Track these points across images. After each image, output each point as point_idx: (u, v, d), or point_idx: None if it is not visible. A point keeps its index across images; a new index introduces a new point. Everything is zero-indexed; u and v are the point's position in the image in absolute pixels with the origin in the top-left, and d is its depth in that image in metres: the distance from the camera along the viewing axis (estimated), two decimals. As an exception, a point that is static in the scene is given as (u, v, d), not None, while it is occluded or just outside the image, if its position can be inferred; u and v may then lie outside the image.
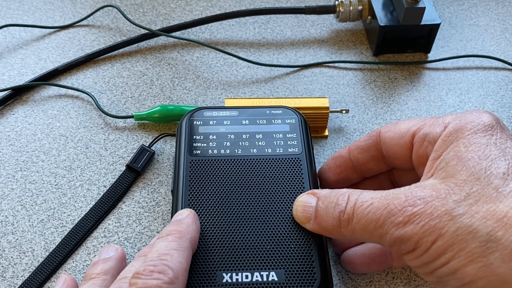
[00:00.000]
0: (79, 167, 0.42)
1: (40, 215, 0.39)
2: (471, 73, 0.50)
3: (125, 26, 0.54)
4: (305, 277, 0.31)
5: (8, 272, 0.36)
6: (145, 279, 0.27)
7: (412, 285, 0.36)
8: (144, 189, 0.41)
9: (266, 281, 0.31)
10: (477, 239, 0.25)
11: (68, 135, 0.44)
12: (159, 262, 0.27)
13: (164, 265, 0.27)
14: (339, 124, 0.46)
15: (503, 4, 0.57)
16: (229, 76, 0.49)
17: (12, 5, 0.55)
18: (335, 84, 0.49)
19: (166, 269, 0.27)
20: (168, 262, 0.28)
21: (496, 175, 0.26)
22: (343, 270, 0.37)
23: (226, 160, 0.36)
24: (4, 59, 0.50)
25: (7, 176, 0.41)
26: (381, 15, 0.49)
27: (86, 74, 0.49)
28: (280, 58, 0.51)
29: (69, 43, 0.52)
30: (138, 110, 0.46)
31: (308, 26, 0.54)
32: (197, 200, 0.34)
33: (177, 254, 0.28)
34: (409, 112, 0.47)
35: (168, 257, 0.28)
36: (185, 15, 0.55)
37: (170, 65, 0.50)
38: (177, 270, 0.28)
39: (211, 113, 0.39)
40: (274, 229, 0.33)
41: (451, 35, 0.54)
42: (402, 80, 0.50)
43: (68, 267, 0.37)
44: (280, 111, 0.40)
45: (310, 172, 0.36)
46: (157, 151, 0.43)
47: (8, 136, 0.44)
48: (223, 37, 0.53)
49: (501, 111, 0.47)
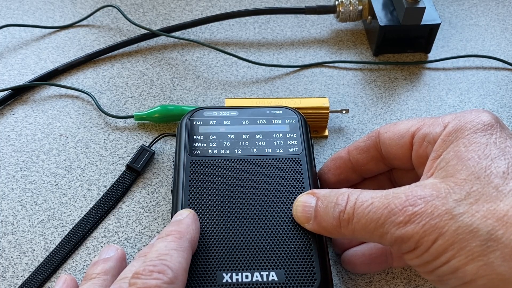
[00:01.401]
0: (79, 167, 0.42)
1: (40, 215, 0.39)
2: (471, 73, 0.50)
3: (125, 26, 0.54)
4: (305, 277, 0.31)
5: (8, 272, 0.36)
6: (145, 279, 0.27)
7: (412, 285, 0.36)
8: (144, 189, 0.41)
9: (266, 281, 0.31)
10: (477, 238, 0.25)
11: (68, 135, 0.44)
12: (158, 262, 0.27)
13: (164, 265, 0.27)
14: (339, 124, 0.46)
15: (503, 4, 0.57)
16: (229, 76, 0.49)
17: (12, 5, 0.55)
18: (335, 84, 0.49)
19: (166, 269, 0.27)
20: (167, 262, 0.28)
21: (496, 174, 0.26)
22: (343, 270, 0.37)
23: (226, 160, 0.36)
24: (4, 59, 0.50)
25: (7, 176, 0.41)
26: (381, 15, 0.49)
27: (86, 74, 0.49)
28: (280, 58, 0.51)
29: (69, 43, 0.52)
30: (138, 110, 0.46)
31: (308, 26, 0.54)
32: (197, 200, 0.34)
33: (177, 254, 0.28)
34: (409, 112, 0.47)
35: (167, 257, 0.28)
36: (185, 15, 0.55)
37: (170, 65, 0.50)
38: (176, 270, 0.28)
39: (211, 113, 0.39)
40: (274, 229, 0.33)
41: (451, 35, 0.54)
42: (402, 80, 0.50)
43: (68, 267, 0.37)
44: (280, 111, 0.40)
45: (310, 172, 0.36)
46: (157, 151, 0.43)
47: (8, 136, 0.44)
48: (223, 37, 0.53)
49: (501, 111, 0.47)
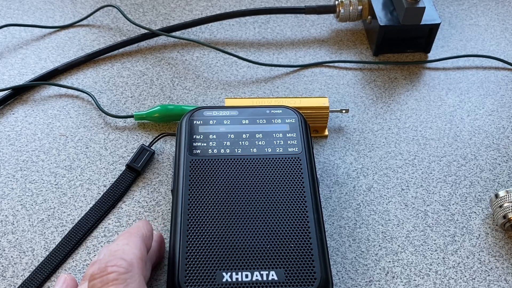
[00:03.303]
0: (79, 167, 0.42)
1: (40, 215, 0.39)
2: (471, 73, 0.50)
3: (125, 26, 0.54)
4: (305, 276, 0.31)
5: (8, 271, 0.36)
6: (101, 277, 0.27)
7: (412, 285, 0.36)
8: (144, 189, 0.41)
9: (266, 280, 0.31)
10: None
11: (68, 135, 0.44)
12: (111, 258, 0.28)
13: (117, 258, 0.28)
14: (339, 123, 0.46)
15: (503, 4, 0.57)
16: (229, 76, 0.49)
17: (12, 5, 0.55)
18: (335, 84, 0.49)
19: (119, 260, 0.28)
20: (119, 254, 0.28)
21: None
22: (343, 270, 0.37)
23: (226, 160, 0.36)
24: (4, 59, 0.50)
25: (7, 175, 0.41)
26: (381, 15, 0.49)
27: (86, 74, 0.49)
28: (280, 58, 0.51)
29: (69, 43, 0.52)
30: (138, 109, 0.46)
31: (308, 26, 0.54)
32: (197, 200, 0.34)
33: (129, 247, 0.29)
34: (409, 111, 0.47)
35: (119, 252, 0.28)
36: (185, 15, 0.55)
37: (170, 65, 0.50)
38: (130, 258, 0.28)
39: (211, 113, 0.39)
40: (274, 229, 0.33)
41: (451, 35, 0.54)
42: (402, 80, 0.50)
43: (68, 267, 0.37)
44: (280, 110, 0.40)
45: (310, 171, 0.36)
46: (157, 151, 0.43)
47: (8, 136, 0.44)
48: (223, 37, 0.53)
49: (501, 111, 0.47)
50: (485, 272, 0.37)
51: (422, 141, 0.45)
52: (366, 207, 0.40)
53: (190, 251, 0.32)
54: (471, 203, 0.41)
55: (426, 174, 0.42)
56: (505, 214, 0.38)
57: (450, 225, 0.39)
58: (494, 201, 0.39)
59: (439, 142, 0.45)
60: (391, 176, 0.42)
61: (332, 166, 0.43)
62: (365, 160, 0.43)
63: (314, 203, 0.34)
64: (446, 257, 0.38)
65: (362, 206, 0.40)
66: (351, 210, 0.40)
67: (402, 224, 0.39)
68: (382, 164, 0.43)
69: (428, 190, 0.41)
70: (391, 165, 0.43)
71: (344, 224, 0.39)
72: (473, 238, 0.39)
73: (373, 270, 0.37)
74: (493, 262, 0.38)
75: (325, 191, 0.41)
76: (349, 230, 0.39)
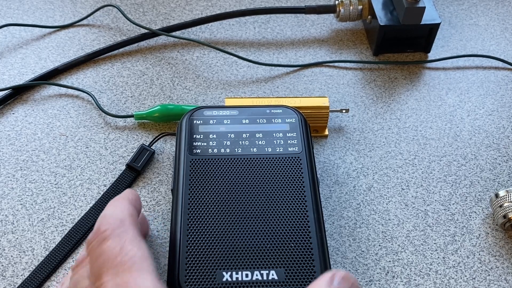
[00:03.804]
0: (79, 167, 0.42)
1: (40, 214, 0.39)
2: (471, 72, 0.50)
3: (125, 26, 0.54)
4: (305, 276, 0.31)
5: (8, 271, 0.36)
6: (96, 238, 0.28)
7: (412, 284, 0.36)
8: (144, 189, 0.41)
9: (266, 279, 0.31)
10: None
11: (68, 135, 0.44)
12: (102, 220, 0.29)
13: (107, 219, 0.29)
14: (339, 123, 0.46)
15: (503, 4, 0.57)
16: (229, 75, 0.49)
17: (12, 5, 0.55)
18: (335, 84, 0.49)
19: (109, 219, 0.29)
20: (109, 215, 0.29)
21: None
22: (343, 270, 0.37)
23: (226, 159, 0.36)
24: (4, 59, 0.50)
25: (7, 175, 0.41)
26: (381, 14, 0.49)
27: (86, 73, 0.49)
28: (280, 58, 0.51)
29: (69, 43, 0.52)
30: (138, 109, 0.46)
31: (308, 26, 0.54)
32: (197, 199, 0.34)
33: (117, 208, 0.30)
34: (409, 111, 0.47)
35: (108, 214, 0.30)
36: (185, 15, 0.55)
37: (170, 65, 0.50)
38: (120, 216, 0.29)
39: (211, 112, 0.39)
40: (274, 228, 0.33)
41: (451, 34, 0.54)
42: (402, 79, 0.50)
43: (68, 266, 0.37)
44: (280, 110, 0.40)
45: (310, 171, 0.36)
46: (157, 151, 0.43)
47: (8, 136, 0.44)
48: (223, 37, 0.53)
49: (501, 111, 0.47)
50: (485, 271, 0.37)
51: (422, 140, 0.45)
52: (366, 206, 0.40)
53: (190, 250, 0.32)
54: (471, 202, 0.41)
55: (426, 173, 0.42)
56: (505, 213, 0.38)
57: (450, 224, 0.39)
58: (494, 201, 0.39)
59: (439, 141, 0.45)
60: (391, 176, 0.42)
61: (332, 166, 0.43)
62: (365, 159, 0.43)
63: (314, 203, 0.34)
64: (446, 257, 0.38)
65: (362, 205, 0.40)
66: (351, 210, 0.40)
67: (402, 223, 0.39)
68: (382, 164, 0.43)
69: (428, 189, 0.41)
70: (391, 164, 0.43)
71: (344, 223, 0.39)
72: (473, 238, 0.39)
73: (373, 270, 0.37)
74: (493, 261, 0.38)
75: (325, 191, 0.41)
76: (349, 230, 0.39)
